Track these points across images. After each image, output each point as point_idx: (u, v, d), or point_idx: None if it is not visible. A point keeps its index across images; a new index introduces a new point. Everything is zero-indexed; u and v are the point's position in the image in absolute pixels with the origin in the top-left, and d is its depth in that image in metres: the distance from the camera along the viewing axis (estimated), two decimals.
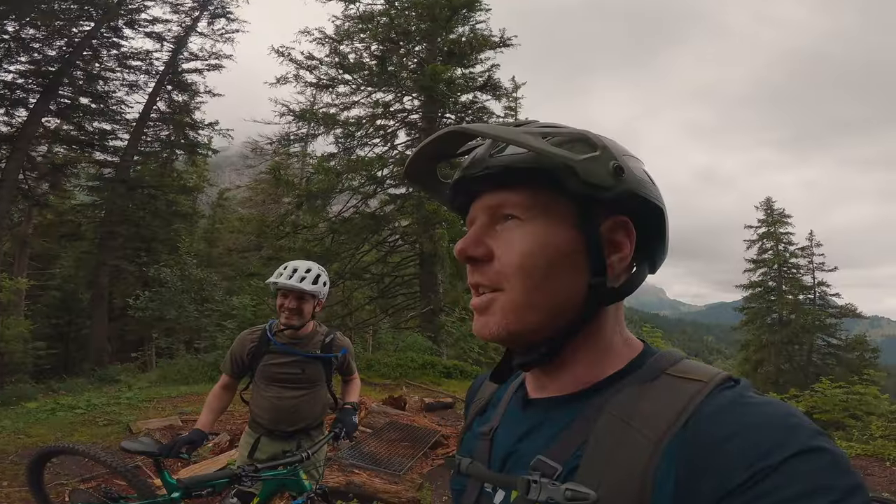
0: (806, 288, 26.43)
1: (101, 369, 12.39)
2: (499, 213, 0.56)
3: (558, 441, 0.53)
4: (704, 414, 0.46)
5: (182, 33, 17.28)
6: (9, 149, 13.47)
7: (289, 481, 2.08)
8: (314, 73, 13.63)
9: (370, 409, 6.18)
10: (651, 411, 0.49)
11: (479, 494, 0.61)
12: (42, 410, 6.72)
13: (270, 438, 2.46)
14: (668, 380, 0.52)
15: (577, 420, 0.54)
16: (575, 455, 0.50)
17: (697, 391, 0.48)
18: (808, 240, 27.00)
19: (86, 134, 15.87)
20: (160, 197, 17.75)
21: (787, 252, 27.09)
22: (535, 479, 0.51)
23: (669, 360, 0.55)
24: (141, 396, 7.59)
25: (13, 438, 5.36)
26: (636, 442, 0.47)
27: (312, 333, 2.53)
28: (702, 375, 0.51)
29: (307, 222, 13.03)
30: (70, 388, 9.35)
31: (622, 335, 0.60)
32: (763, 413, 0.44)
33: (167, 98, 17.73)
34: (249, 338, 2.53)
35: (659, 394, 0.50)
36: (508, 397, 0.68)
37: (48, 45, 13.76)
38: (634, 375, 0.54)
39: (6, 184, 12.79)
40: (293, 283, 2.33)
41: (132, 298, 13.37)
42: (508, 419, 0.64)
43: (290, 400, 2.44)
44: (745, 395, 0.48)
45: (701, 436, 0.44)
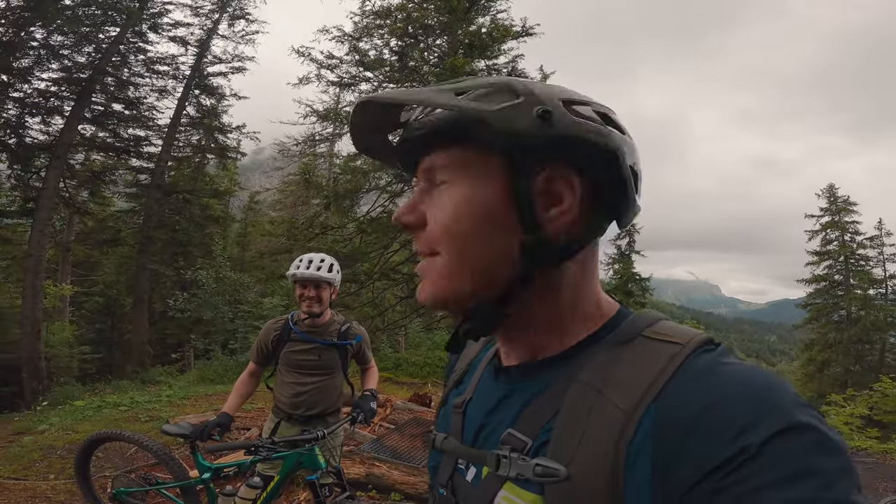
0: (876, 281, 24.94)
1: (143, 371, 13.27)
2: (432, 176, 0.55)
3: (528, 413, 0.53)
4: (679, 381, 0.44)
5: (204, 36, 17.99)
6: (48, 157, 14.27)
7: (305, 458, 2.34)
8: (335, 72, 14.04)
9: (395, 406, 6.45)
10: (624, 378, 0.47)
11: (453, 471, 0.61)
12: (89, 408, 7.39)
13: (289, 423, 2.77)
14: (644, 342, 0.50)
15: (548, 390, 0.52)
16: (545, 428, 0.50)
17: (674, 354, 0.47)
18: (878, 229, 25.47)
19: (121, 140, 16.76)
20: (194, 201, 18.68)
21: (853, 243, 25.69)
22: (504, 455, 0.51)
23: (646, 321, 0.53)
24: (180, 394, 8.22)
25: (61, 434, 5.95)
26: (608, 412, 0.45)
27: (329, 322, 2.83)
28: (679, 337, 0.49)
29: (336, 223, 13.46)
30: (115, 389, 10.12)
31: (592, 296, 0.57)
32: (742, 382, 0.42)
33: (195, 102, 18.56)
34: (273, 327, 2.85)
35: (633, 358, 0.49)
36: (483, 366, 0.67)
37: (77, 51, 14.54)
38: (609, 338, 0.53)
39: (47, 192, 13.61)
40: (311, 272, 2.64)
41: (172, 300, 14.29)
42: (481, 390, 0.64)
43: (308, 385, 2.74)
44: (724, 359, 0.46)
45: (676, 408, 0.43)
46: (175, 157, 18.90)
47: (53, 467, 4.85)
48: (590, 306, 0.56)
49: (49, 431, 6.13)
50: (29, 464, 4.91)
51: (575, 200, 0.52)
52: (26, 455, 5.11)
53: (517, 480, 0.49)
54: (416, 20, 12.76)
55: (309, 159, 16.07)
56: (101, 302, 19.23)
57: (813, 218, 26.95)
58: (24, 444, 5.56)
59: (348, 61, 13.78)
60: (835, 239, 26.22)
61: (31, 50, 13.74)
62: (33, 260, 13.18)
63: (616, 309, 0.58)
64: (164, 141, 17.23)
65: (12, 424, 6.98)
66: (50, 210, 14.02)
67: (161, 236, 17.81)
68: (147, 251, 16.68)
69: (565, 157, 0.51)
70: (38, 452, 5.21)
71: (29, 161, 14.43)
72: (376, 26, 13.22)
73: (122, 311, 18.68)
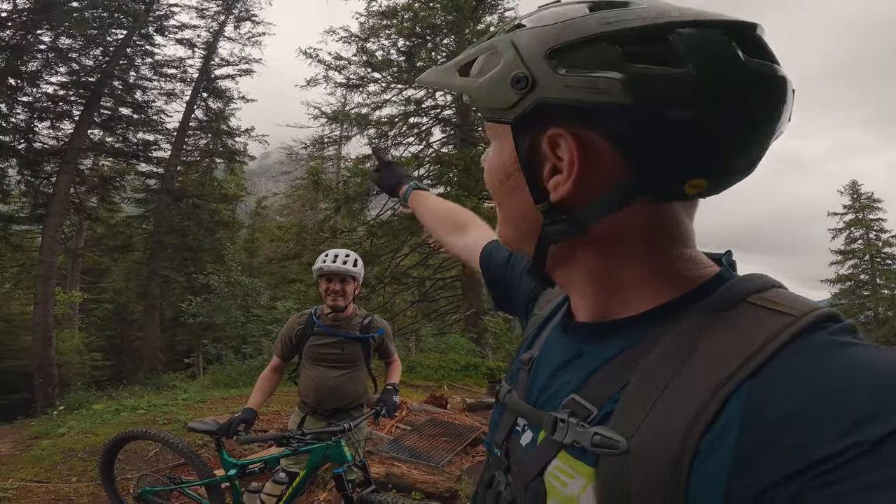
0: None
1: (155, 377, 13.49)
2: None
3: (596, 379, 0.49)
4: (786, 359, 0.38)
5: (211, 38, 18.35)
6: (57, 162, 14.61)
7: (332, 451, 2.43)
8: (343, 74, 14.30)
9: (411, 408, 6.55)
10: (715, 348, 0.41)
11: (510, 432, 0.59)
12: (107, 411, 7.55)
13: (315, 417, 2.87)
14: (749, 309, 0.43)
15: (621, 356, 0.48)
16: (613, 398, 0.46)
17: (783, 327, 0.40)
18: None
19: (130, 145, 17.14)
20: (203, 206, 19.00)
21: (879, 241, 25.42)
22: (562, 419, 0.48)
23: (754, 286, 0.46)
24: (196, 398, 8.37)
25: (81, 438, 6.10)
26: (688, 386, 0.40)
27: (352, 316, 2.93)
28: (795, 307, 0.42)
29: (346, 226, 13.62)
30: (130, 394, 10.33)
31: (666, 258, 0.50)
32: (866, 366, 0.36)
33: (203, 106, 18.91)
34: (297, 321, 2.96)
35: (732, 326, 0.42)
36: (556, 320, 0.63)
37: (85, 54, 14.93)
38: (703, 303, 0.46)
39: (57, 198, 13.91)
40: (338, 266, 2.75)
41: (185, 304, 14.56)
42: (549, 346, 0.61)
43: (332, 379, 2.84)
44: (847, 338, 0.39)
45: (777, 390, 0.37)
46: (184, 162, 19.23)
47: (75, 470, 4.99)
48: (666, 268, 0.49)
49: (68, 434, 6.28)
50: (50, 466, 5.05)
51: (578, 167, 0.46)
52: (47, 458, 5.26)
53: (573, 448, 0.46)
54: (423, 19, 12.92)
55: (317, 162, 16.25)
56: (110, 309, 19.55)
57: (836, 216, 26.74)
58: (43, 447, 5.71)
59: (356, 62, 14.02)
60: (859, 237, 25.97)
61: (39, 53, 14.10)
62: (44, 266, 13.47)
63: (715, 271, 0.50)
64: (173, 145, 17.54)
65: (28, 429, 7.16)
66: (61, 216, 14.31)
67: (171, 241, 18.11)
68: (158, 256, 16.96)
69: (562, 118, 0.46)
70: (59, 455, 5.35)
71: (39, 166, 14.76)
72: (383, 26, 13.40)
73: (132, 318, 18.97)
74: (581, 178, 0.46)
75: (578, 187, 0.47)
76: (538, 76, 0.45)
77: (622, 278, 0.51)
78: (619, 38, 0.42)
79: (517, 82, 0.46)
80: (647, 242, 0.49)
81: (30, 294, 14.68)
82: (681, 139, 0.43)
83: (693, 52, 0.41)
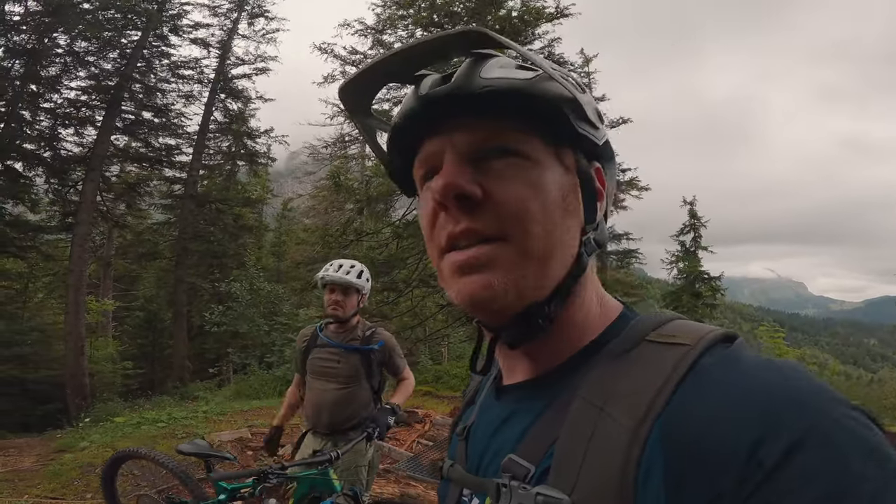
0: None
1: (183, 387, 13.93)
2: (485, 145, 0.52)
3: (530, 436, 0.51)
4: (687, 388, 0.42)
5: (225, 37, 18.76)
6: (83, 170, 15.17)
7: (318, 481, 2.36)
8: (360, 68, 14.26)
9: (434, 422, 6.46)
10: (627, 391, 0.44)
11: (457, 502, 0.60)
12: (128, 424, 7.82)
13: (314, 435, 2.84)
14: (648, 348, 0.47)
15: (550, 409, 0.51)
16: (549, 453, 0.48)
17: (680, 358, 0.44)
18: None
19: (153, 150, 17.71)
20: (226, 211, 19.48)
21: None
22: (504, 483, 0.49)
23: (652, 323, 0.51)
24: (216, 410, 8.59)
25: (101, 451, 6.31)
26: (611, 431, 0.43)
27: (354, 328, 2.91)
28: (688, 336, 0.46)
29: (370, 228, 13.67)
30: (154, 405, 10.68)
31: (598, 296, 0.57)
32: (759, 379, 0.39)
33: (222, 107, 19.38)
34: (304, 334, 3.04)
35: (636, 367, 0.46)
36: (487, 388, 0.66)
37: (102, 57, 15.42)
38: (610, 346, 0.51)
39: (84, 206, 14.48)
40: (340, 276, 2.78)
41: (207, 313, 14.96)
42: (483, 413, 0.64)
43: (329, 393, 2.81)
44: (738, 355, 0.43)
45: (683, 418, 0.40)
46: (206, 165, 19.79)
47: (91, 486, 5.14)
48: (596, 308, 0.56)
49: (89, 449, 6.52)
50: (67, 482, 5.23)
51: (604, 184, 0.57)
52: (65, 473, 5.45)
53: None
54: (440, 8, 12.81)
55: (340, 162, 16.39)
56: (141, 316, 20.28)
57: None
58: (63, 461, 5.93)
59: (372, 55, 13.99)
60: None
61: (57, 57, 14.68)
62: (75, 275, 14.08)
63: (619, 310, 0.57)
64: (194, 149, 18.06)
65: (55, 442, 7.48)
66: (89, 224, 14.93)
67: (197, 248, 18.68)
68: (184, 264, 17.51)
69: (600, 156, 0.57)
70: (77, 471, 5.54)
71: (65, 174, 15.45)
72: (399, 17, 13.37)
73: (163, 326, 19.63)
74: (603, 200, 0.57)
75: (605, 211, 0.58)
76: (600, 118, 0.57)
77: (585, 315, 0.55)
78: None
79: (598, 115, 0.56)
80: (594, 278, 0.57)
81: (62, 303, 15.34)
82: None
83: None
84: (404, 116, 0.55)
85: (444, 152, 0.52)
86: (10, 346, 14.48)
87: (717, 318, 17.37)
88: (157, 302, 20.21)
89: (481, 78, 0.50)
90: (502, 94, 0.50)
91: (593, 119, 0.54)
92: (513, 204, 0.50)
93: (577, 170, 0.54)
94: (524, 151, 0.51)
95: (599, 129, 0.56)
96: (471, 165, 0.51)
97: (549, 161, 0.52)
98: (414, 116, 0.54)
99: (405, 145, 0.57)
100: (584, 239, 0.54)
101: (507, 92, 0.50)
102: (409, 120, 0.54)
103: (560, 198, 0.52)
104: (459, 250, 0.51)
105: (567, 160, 0.54)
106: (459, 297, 0.51)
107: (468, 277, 0.50)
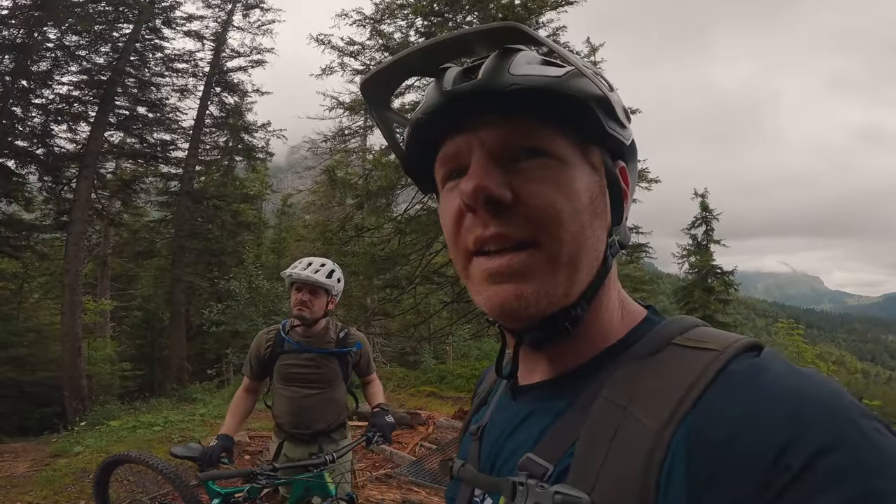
0: None
1: (181, 388, 13.93)
2: (515, 145, 0.52)
3: (549, 435, 0.52)
4: (717, 391, 0.42)
5: (219, 29, 18.66)
6: (77, 167, 15.15)
7: (313, 484, 2.31)
8: (359, 59, 14.23)
9: (438, 424, 6.41)
10: (652, 392, 0.46)
11: (469, 502, 0.61)
12: (124, 428, 7.83)
13: (293, 443, 2.76)
14: (675, 351, 0.49)
15: (571, 409, 0.52)
16: (568, 453, 0.48)
17: (709, 362, 0.45)
18: None
19: (149, 146, 17.70)
20: (224, 208, 19.46)
21: None
22: (521, 482, 0.49)
23: (679, 327, 0.52)
24: (214, 413, 8.58)
25: (95, 456, 6.30)
26: (634, 431, 0.44)
27: (325, 330, 2.81)
28: (717, 342, 0.47)
29: (371, 224, 13.62)
30: (151, 408, 10.70)
31: (620, 298, 0.58)
32: (788, 386, 0.40)
33: (218, 101, 19.33)
34: (265, 338, 2.84)
35: (663, 369, 0.47)
36: (502, 389, 0.67)
37: (94, 51, 15.39)
38: (635, 349, 0.52)
39: (79, 204, 14.45)
40: (307, 275, 2.63)
41: (206, 311, 14.96)
42: (498, 413, 0.64)
43: (308, 399, 2.73)
44: (769, 364, 0.44)
45: (713, 420, 0.41)
46: (203, 161, 19.77)
47: (84, 492, 5.12)
48: (618, 311, 0.57)
49: (83, 454, 6.52)
50: (60, 489, 5.21)
51: (628, 184, 0.58)
52: (58, 479, 5.44)
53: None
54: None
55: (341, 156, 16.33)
56: (140, 316, 20.35)
57: None
58: (57, 467, 5.92)
59: (371, 46, 13.93)
60: None
61: (47, 52, 14.65)
62: (70, 275, 14.09)
63: (643, 314, 0.58)
64: (190, 144, 18.03)
65: (51, 446, 7.49)
66: (83, 223, 14.92)
67: (194, 246, 18.67)
68: (181, 262, 17.52)
69: (625, 156, 0.58)
70: (71, 476, 5.53)
71: (59, 172, 15.46)
72: (399, 6, 13.23)
73: (161, 326, 19.67)
74: (628, 200, 0.58)
75: (628, 208, 0.59)
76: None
77: (611, 316, 0.57)
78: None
79: (626, 114, 0.56)
80: (616, 280, 0.58)
81: (58, 304, 15.37)
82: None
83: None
84: (427, 111, 0.54)
85: (471, 151, 0.52)
86: (6, 347, 14.58)
87: (729, 314, 17.23)
88: (155, 301, 20.21)
89: (511, 74, 0.50)
90: (533, 92, 0.49)
91: (622, 118, 0.54)
92: (544, 208, 0.50)
93: (604, 170, 0.55)
94: (554, 151, 0.51)
95: (627, 129, 0.56)
96: (500, 166, 0.51)
97: (578, 161, 0.53)
98: (437, 112, 0.53)
99: (426, 141, 0.57)
100: (610, 241, 0.55)
101: (538, 89, 0.49)
102: (431, 115, 0.54)
103: (589, 200, 0.52)
104: (489, 256, 0.51)
105: (594, 159, 0.54)
106: (489, 305, 0.52)
107: (499, 286, 0.51)
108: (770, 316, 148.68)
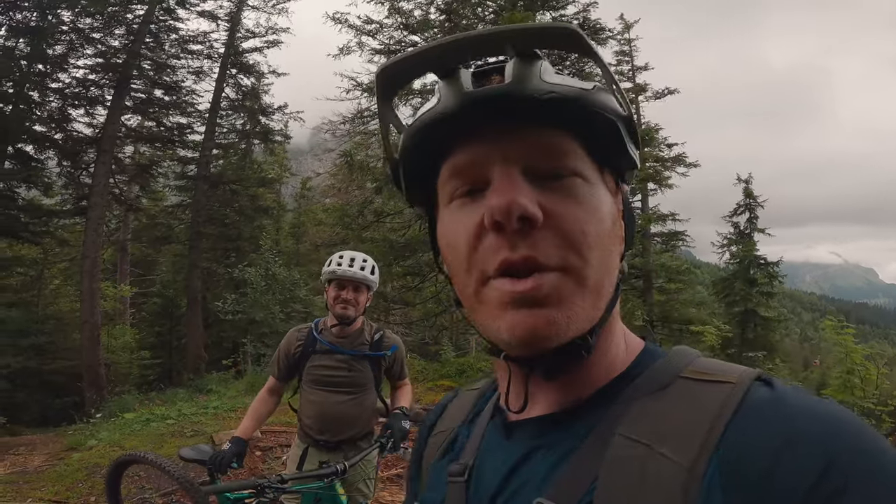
0: None
1: (198, 379, 14.18)
2: (542, 160, 0.50)
3: (562, 476, 0.49)
4: (743, 421, 0.43)
5: (234, 9, 18.59)
6: (95, 151, 15.42)
7: (323, 495, 2.26)
8: (377, 38, 14.03)
9: None
10: (676, 428, 0.45)
11: None
12: (137, 421, 8.02)
13: (318, 449, 2.70)
14: (686, 384, 0.49)
15: (583, 446, 0.50)
16: (586, 494, 0.46)
17: (728, 395, 0.46)
18: None
19: (166, 130, 17.92)
20: (242, 192, 19.62)
21: None
22: None
23: (682, 360, 0.53)
24: (226, 406, 8.73)
25: (108, 451, 6.46)
26: (665, 471, 0.43)
27: (360, 331, 2.75)
28: (727, 375, 0.48)
29: (390, 208, 13.56)
30: (166, 400, 10.94)
31: (621, 327, 0.58)
32: (812, 416, 0.43)
33: (234, 83, 19.36)
34: (296, 335, 2.79)
35: (680, 404, 0.47)
36: (484, 424, 0.64)
37: (109, 34, 15.56)
38: (640, 382, 0.52)
39: (97, 189, 14.71)
40: (354, 272, 2.60)
41: (221, 301, 15.16)
42: (488, 452, 0.60)
43: (337, 405, 2.67)
44: (784, 393, 0.46)
45: (747, 448, 0.42)
46: (219, 145, 19.94)
47: (95, 489, 5.24)
48: (621, 339, 0.57)
49: (97, 448, 6.70)
50: (72, 484, 5.35)
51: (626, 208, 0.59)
52: (71, 475, 5.59)
53: None
54: None
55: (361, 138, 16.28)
56: (158, 303, 20.66)
57: None
58: (70, 461, 6.09)
59: (389, 25, 13.72)
60: None
61: (63, 35, 14.86)
62: (89, 261, 14.39)
63: (641, 345, 0.58)
64: (206, 127, 18.19)
65: (67, 439, 7.74)
66: (102, 208, 15.19)
67: (211, 231, 18.93)
68: (198, 248, 17.76)
69: (631, 177, 0.59)
70: (83, 472, 5.68)
71: (77, 157, 15.78)
72: None
73: (180, 313, 19.96)
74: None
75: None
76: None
77: (616, 345, 0.56)
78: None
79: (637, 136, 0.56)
80: (618, 310, 0.57)
81: (78, 290, 15.69)
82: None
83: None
84: (442, 113, 0.50)
85: (490, 163, 0.50)
86: (27, 335, 14.94)
87: (773, 308, 16.72)
88: (173, 287, 20.46)
89: (544, 81, 0.48)
90: (566, 103, 0.48)
91: (637, 140, 0.55)
92: (575, 231, 0.49)
93: (619, 193, 0.56)
94: (581, 170, 0.51)
95: (637, 152, 0.56)
96: (528, 183, 0.49)
97: (599, 181, 0.53)
98: (454, 115, 0.49)
99: (432, 147, 0.54)
100: (621, 266, 0.55)
101: (571, 100, 0.48)
102: (447, 118, 0.50)
103: (611, 223, 0.52)
104: (514, 278, 0.48)
105: (609, 181, 0.55)
106: (513, 332, 0.48)
107: (528, 311, 0.47)
108: (818, 310, 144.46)
